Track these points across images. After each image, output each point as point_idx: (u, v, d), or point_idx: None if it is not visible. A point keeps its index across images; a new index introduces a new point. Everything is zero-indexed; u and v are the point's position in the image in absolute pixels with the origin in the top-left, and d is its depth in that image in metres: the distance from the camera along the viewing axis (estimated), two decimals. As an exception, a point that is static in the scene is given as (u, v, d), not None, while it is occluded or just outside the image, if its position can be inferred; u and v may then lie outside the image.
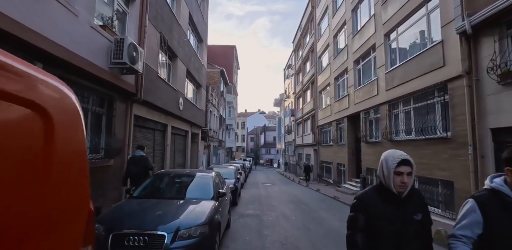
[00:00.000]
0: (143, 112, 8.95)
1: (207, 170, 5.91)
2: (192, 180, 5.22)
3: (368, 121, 12.87)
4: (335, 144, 17.23)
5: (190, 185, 5.09)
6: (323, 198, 12.73)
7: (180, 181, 5.17)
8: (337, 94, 17.30)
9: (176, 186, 5.08)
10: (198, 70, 16.21)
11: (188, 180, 5.19)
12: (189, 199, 4.48)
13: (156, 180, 5.17)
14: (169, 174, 5.50)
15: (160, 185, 5.13)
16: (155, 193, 4.84)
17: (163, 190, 5.00)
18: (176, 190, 4.95)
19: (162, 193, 4.89)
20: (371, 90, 12.03)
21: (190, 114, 14.52)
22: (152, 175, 5.34)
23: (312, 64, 24.53)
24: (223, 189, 5.84)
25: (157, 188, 5.02)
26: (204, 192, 4.77)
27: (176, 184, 5.14)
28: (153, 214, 3.67)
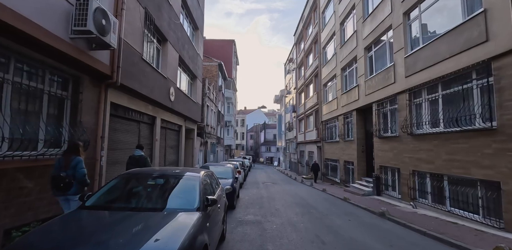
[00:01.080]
0: (124, 101, 7.57)
1: (195, 169, 4.50)
2: (171, 183, 3.84)
3: (381, 113, 11.50)
4: (342, 140, 15.88)
5: (168, 190, 3.71)
6: (332, 199, 11.39)
7: (155, 185, 3.80)
8: (345, 86, 15.92)
9: (148, 192, 3.70)
10: (193, 60, 14.82)
11: (166, 183, 3.81)
12: (163, 211, 3.12)
13: (121, 182, 3.79)
14: (141, 175, 4.09)
15: (126, 190, 3.76)
16: (116, 201, 3.47)
17: (129, 197, 3.63)
18: (146, 197, 3.57)
19: (127, 201, 3.51)
20: (387, 78, 10.65)
21: (184, 107, 13.15)
22: (118, 176, 3.99)
23: (315, 56, 23.13)
24: (215, 194, 4.49)
25: (120, 194, 3.65)
26: (186, 200, 3.42)
27: (148, 188, 3.76)
28: (99, 239, 2.31)
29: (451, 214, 7.25)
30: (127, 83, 7.12)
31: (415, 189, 8.91)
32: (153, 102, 9.51)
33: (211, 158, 23.26)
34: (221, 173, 9.73)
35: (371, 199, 10.85)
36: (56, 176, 3.99)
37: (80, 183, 4.09)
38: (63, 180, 3.97)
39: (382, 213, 7.72)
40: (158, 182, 3.86)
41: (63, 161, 4.20)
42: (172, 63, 11.29)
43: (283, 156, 42.15)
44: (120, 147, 7.66)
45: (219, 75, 28.93)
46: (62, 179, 3.97)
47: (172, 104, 11.09)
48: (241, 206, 9.21)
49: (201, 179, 3.94)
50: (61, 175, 3.99)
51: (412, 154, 8.98)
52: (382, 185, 11.24)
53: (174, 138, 13.13)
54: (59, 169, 4.12)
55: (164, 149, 11.62)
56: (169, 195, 3.62)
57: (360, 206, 9.31)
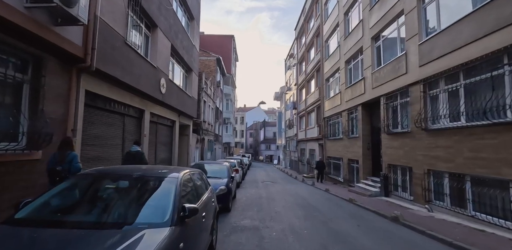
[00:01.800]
0: (103, 90, 6.66)
1: (177, 169, 3.57)
2: (139, 188, 2.93)
3: (391, 107, 10.60)
4: (345, 137, 14.99)
5: (133, 198, 2.79)
6: (336, 200, 10.51)
7: (117, 190, 2.90)
8: (349, 80, 15.00)
9: (106, 200, 2.78)
10: (187, 51, 13.89)
11: (132, 188, 2.91)
12: (122, 229, 2.23)
13: (74, 185, 2.88)
14: (103, 175, 3.17)
15: (77, 197, 2.84)
16: (59, 213, 2.57)
17: (78, 207, 2.71)
18: (102, 207, 2.65)
19: (73, 213, 2.59)
20: (397, 68, 9.74)
21: (177, 101, 12.25)
22: (73, 176, 3.10)
23: (317, 50, 22.19)
24: (201, 199, 3.60)
25: (68, 202, 2.75)
26: (155, 211, 2.52)
27: (107, 194, 2.85)
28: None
29: (475, 220, 6.37)
30: (106, 69, 6.21)
31: (430, 190, 8.03)
32: (140, 94, 8.61)
33: (208, 156, 22.38)
34: (215, 172, 8.88)
35: (379, 200, 9.97)
36: (52, 170, 4.10)
37: None
38: (59, 174, 4.03)
39: (396, 217, 6.84)
40: (122, 185, 2.96)
41: (58, 155, 4.30)
42: (163, 52, 10.38)
43: (283, 154, 41.29)
44: (100, 142, 6.77)
45: (217, 70, 28.00)
46: (58, 173, 4.04)
47: (163, 97, 10.19)
48: (237, 208, 8.33)
49: (180, 181, 3.02)
50: (57, 169, 4.08)
51: (427, 151, 8.09)
52: (390, 185, 10.37)
53: (166, 134, 12.24)
54: (54, 164, 4.20)
55: (155, 146, 10.73)
56: (134, 204, 2.71)
57: (368, 209, 8.43)
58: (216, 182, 7.95)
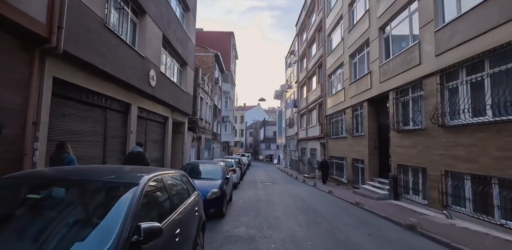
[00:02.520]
0: (78, 78, 5.81)
1: (146, 170, 2.67)
2: (75, 200, 2.06)
3: (401, 103, 9.74)
4: (349, 135, 14.13)
5: (61, 216, 1.91)
6: (341, 204, 9.66)
7: (42, 203, 2.01)
8: (354, 75, 14.14)
9: (27, 217, 1.88)
10: (182, 43, 13.03)
11: (65, 200, 2.03)
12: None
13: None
14: (26, 182, 2.27)
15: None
16: None
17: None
18: (19, 229, 1.76)
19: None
20: (409, 59, 8.89)
21: (170, 96, 11.40)
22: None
23: (319, 45, 21.33)
24: (176, 211, 2.74)
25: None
26: (91, 238, 1.67)
27: (30, 209, 1.97)
28: None
29: (505, 229, 5.52)
30: (79, 54, 5.35)
31: (448, 194, 7.17)
32: (125, 86, 7.75)
33: (205, 155, 21.52)
34: (208, 173, 8.05)
35: (388, 204, 9.12)
36: None
37: None
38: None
39: (412, 225, 5.99)
40: (56, 194, 2.09)
41: (56, 158, 4.47)
42: (154, 42, 9.52)
43: (283, 154, 40.45)
44: (73, 138, 5.91)
45: (216, 67, 27.12)
46: None
47: (153, 90, 9.33)
48: (232, 213, 7.48)
49: (140, 190, 2.14)
50: None
51: (444, 150, 7.24)
52: (400, 188, 9.52)
53: (158, 131, 11.38)
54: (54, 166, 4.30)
55: (144, 144, 9.87)
56: (63, 224, 1.84)
57: (378, 214, 7.57)
58: (208, 184, 7.13)
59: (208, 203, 6.52)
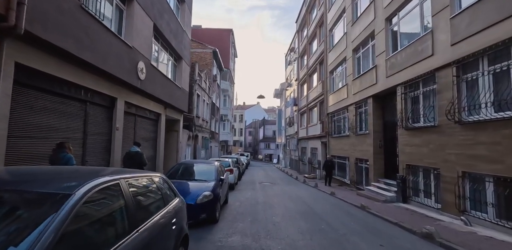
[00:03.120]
0: (48, 66, 5.08)
1: (93, 172, 1.93)
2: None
3: (410, 98, 9.03)
4: (353, 133, 13.43)
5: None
6: (346, 207, 8.95)
7: None
8: (357, 70, 13.43)
9: None
10: (176, 36, 12.30)
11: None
12: None
13: None
14: None
15: None
16: None
17: None
18: None
19: None
20: (420, 51, 8.17)
21: (162, 91, 10.68)
22: None
23: (320, 41, 20.61)
24: (131, 235, 2.00)
25: None
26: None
27: None
28: None
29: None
30: (48, 37, 4.63)
31: (466, 198, 6.47)
32: (109, 77, 7.03)
33: (202, 154, 20.81)
34: (201, 174, 7.35)
35: (397, 208, 8.42)
36: None
37: None
38: None
39: (429, 234, 5.29)
40: None
41: (54, 157, 4.49)
42: (143, 32, 8.79)
43: (283, 153, 39.76)
44: (44, 135, 5.19)
45: (214, 63, 26.38)
46: None
47: (141, 84, 8.61)
48: (227, 218, 6.77)
49: (71, 205, 1.42)
50: None
51: (461, 149, 6.53)
52: (409, 190, 8.81)
53: (149, 128, 10.66)
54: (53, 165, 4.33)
55: (134, 142, 9.16)
56: None
57: (388, 220, 6.87)
58: (199, 187, 6.43)
59: (199, 207, 5.84)
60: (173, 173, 7.26)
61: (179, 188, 6.46)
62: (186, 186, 6.46)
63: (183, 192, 6.16)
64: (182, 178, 7.04)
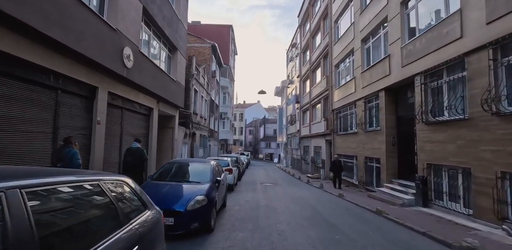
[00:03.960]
0: (3, 43, 4.09)
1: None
2: None
3: (431, 89, 8.03)
4: (361, 130, 12.43)
5: None
6: (359, 212, 7.96)
7: None
8: (367, 62, 12.43)
9: None
10: (170, 24, 11.30)
11: None
12: None
13: None
14: None
15: None
16: None
17: None
18: None
19: None
20: (444, 34, 7.17)
21: (154, 83, 9.70)
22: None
23: (324, 34, 19.60)
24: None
25: None
26: None
27: None
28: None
29: None
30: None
31: (507, 203, 5.47)
32: (87, 62, 6.04)
33: (200, 153, 19.81)
34: (194, 174, 6.39)
35: (418, 212, 7.42)
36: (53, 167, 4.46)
37: None
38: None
39: (471, 249, 4.29)
40: None
41: (60, 152, 4.66)
42: (129, 14, 7.79)
43: (284, 152, 38.78)
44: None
45: (213, 59, 25.38)
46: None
47: (128, 72, 7.62)
48: (224, 226, 5.79)
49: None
50: (57, 165, 4.48)
51: (501, 145, 5.54)
52: (431, 192, 7.82)
53: (139, 123, 9.67)
54: (57, 160, 4.60)
55: (120, 138, 8.18)
56: None
57: (412, 228, 5.87)
58: (191, 190, 5.45)
59: (190, 215, 4.86)
60: (162, 174, 6.27)
61: (167, 192, 5.49)
62: (175, 189, 5.48)
63: (172, 196, 5.19)
64: (171, 179, 6.05)
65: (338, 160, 13.14)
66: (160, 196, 5.14)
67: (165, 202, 4.93)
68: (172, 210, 4.79)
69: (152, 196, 5.36)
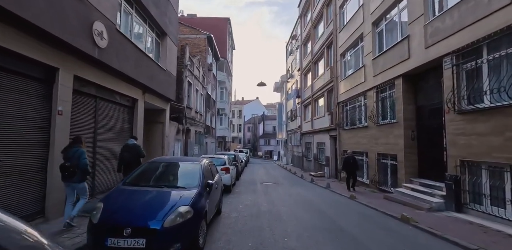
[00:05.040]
0: None
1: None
2: None
3: (465, 71, 6.73)
4: (373, 124, 11.15)
5: None
6: (381, 220, 6.69)
7: None
8: (379, 47, 11.12)
9: None
10: (157, 5, 9.93)
11: None
12: None
13: None
14: None
15: None
16: None
17: None
18: None
19: None
20: (485, 3, 5.86)
21: (139, 70, 8.40)
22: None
23: (328, 22, 18.23)
24: None
25: None
26: None
27: None
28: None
29: None
30: None
31: None
32: (41, 35, 4.69)
33: (195, 151, 18.49)
34: (179, 178, 5.14)
35: (453, 220, 6.15)
36: (62, 166, 4.54)
37: (83, 172, 4.62)
38: (67, 169, 4.48)
39: None
40: None
41: (68, 152, 4.67)
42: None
43: (284, 150, 37.53)
44: None
45: (209, 51, 23.99)
46: (67, 168, 4.48)
47: (101, 53, 6.28)
48: (217, 243, 4.50)
49: None
50: (66, 164, 4.51)
51: None
52: (465, 194, 6.55)
53: (120, 116, 8.33)
54: (65, 159, 4.61)
55: (94, 132, 6.86)
56: None
57: (460, 244, 4.58)
58: (173, 199, 4.16)
59: (168, 233, 3.57)
60: (138, 177, 4.94)
61: (140, 202, 4.12)
62: (152, 198, 4.17)
63: (145, 208, 3.90)
64: (149, 184, 4.74)
65: (352, 157, 11.13)
66: (130, 207, 3.85)
67: (136, 216, 3.66)
68: (145, 228, 3.51)
69: (119, 208, 4.10)
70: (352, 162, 10.86)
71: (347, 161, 10.98)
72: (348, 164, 10.89)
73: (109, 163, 7.44)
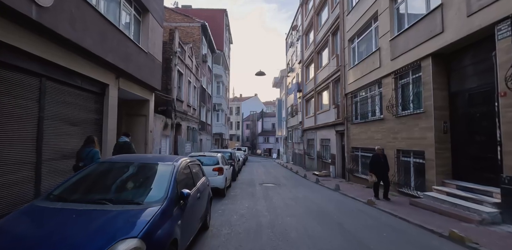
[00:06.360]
0: None
1: None
2: None
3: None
4: (391, 115, 9.51)
5: None
6: (422, 238, 5.04)
7: None
8: (398, 25, 9.45)
9: None
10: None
11: None
12: None
13: None
14: None
15: None
16: None
17: None
18: None
19: None
20: None
21: (107, 47, 6.73)
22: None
23: (333, 6, 16.54)
24: None
25: None
26: None
27: None
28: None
29: None
30: None
31: None
32: None
33: (188, 148, 16.80)
34: (136, 187, 3.46)
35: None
36: (76, 166, 4.70)
37: None
38: (80, 169, 4.02)
39: None
40: None
41: (82, 152, 4.81)
42: None
43: (284, 147, 35.91)
44: None
45: (204, 41, 22.25)
46: (80, 168, 4.32)
47: (41, 15, 4.58)
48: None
49: None
50: (80, 165, 4.60)
51: None
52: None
53: (84, 105, 6.63)
54: (79, 160, 4.75)
55: (38, 123, 5.16)
56: None
57: None
58: (112, 224, 2.45)
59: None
60: (75, 186, 3.24)
61: (49, 235, 2.29)
62: (78, 225, 2.48)
63: (57, 245, 2.22)
64: (86, 198, 3.05)
65: (382, 154, 8.57)
66: (30, 246, 2.17)
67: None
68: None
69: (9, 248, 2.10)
70: (382, 161, 8.41)
71: (377, 160, 8.41)
72: (379, 164, 8.35)
73: (64, 163, 5.75)
